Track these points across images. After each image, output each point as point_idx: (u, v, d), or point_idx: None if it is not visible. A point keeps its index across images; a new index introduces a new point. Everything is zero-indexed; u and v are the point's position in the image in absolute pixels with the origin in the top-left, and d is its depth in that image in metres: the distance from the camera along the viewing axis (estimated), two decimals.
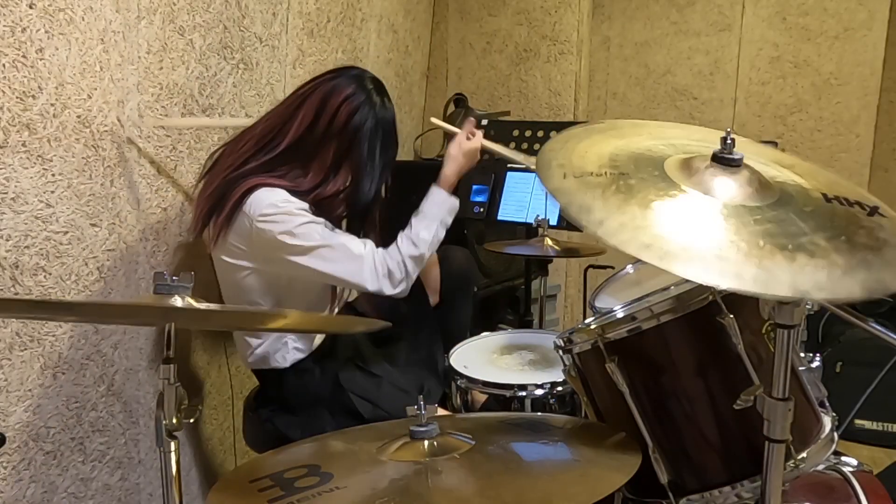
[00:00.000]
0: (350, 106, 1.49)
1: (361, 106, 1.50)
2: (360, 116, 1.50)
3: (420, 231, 1.54)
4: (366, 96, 1.51)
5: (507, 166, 2.31)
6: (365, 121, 1.50)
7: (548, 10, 3.20)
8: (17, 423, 1.31)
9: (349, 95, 1.50)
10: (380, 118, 1.52)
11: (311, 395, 1.59)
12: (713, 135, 0.96)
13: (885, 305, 3.02)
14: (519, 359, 1.66)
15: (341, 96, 1.50)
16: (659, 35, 3.43)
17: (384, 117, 1.54)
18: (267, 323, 1.43)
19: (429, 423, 1.00)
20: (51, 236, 1.34)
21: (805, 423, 1.10)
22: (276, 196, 1.44)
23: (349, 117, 1.49)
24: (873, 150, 3.18)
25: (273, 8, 2.01)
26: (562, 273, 3.36)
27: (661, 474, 1.08)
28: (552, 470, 0.99)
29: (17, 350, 1.30)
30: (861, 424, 2.64)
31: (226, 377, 2.00)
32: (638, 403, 1.09)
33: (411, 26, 3.01)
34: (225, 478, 1.01)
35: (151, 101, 1.59)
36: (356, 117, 1.49)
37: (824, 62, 3.17)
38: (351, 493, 0.91)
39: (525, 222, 2.17)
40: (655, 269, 0.75)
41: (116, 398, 1.54)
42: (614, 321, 1.12)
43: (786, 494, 1.06)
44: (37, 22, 1.27)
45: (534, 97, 3.28)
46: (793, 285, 0.74)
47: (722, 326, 1.03)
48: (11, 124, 1.24)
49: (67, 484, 1.43)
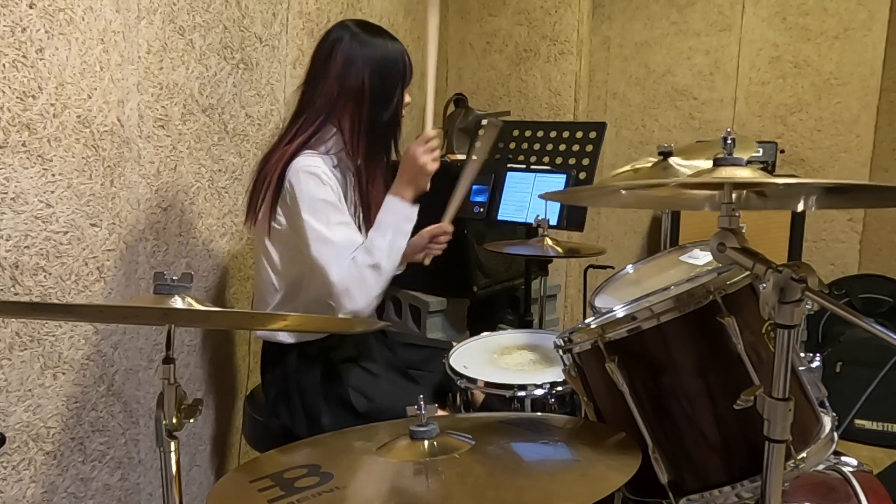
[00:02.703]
0: (337, 46, 1.54)
1: (342, 43, 1.54)
2: (348, 54, 1.53)
3: (374, 238, 1.51)
4: (349, 34, 1.55)
5: (508, 166, 2.31)
6: (355, 55, 1.53)
7: (548, 10, 3.20)
8: (17, 423, 1.32)
9: (335, 39, 1.56)
10: (368, 51, 1.54)
11: (309, 376, 1.60)
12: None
13: (885, 305, 3.03)
14: (519, 359, 1.66)
15: (327, 41, 1.56)
16: (659, 35, 3.43)
17: (373, 50, 1.54)
18: (267, 324, 1.44)
19: (429, 423, 1.00)
20: (51, 236, 1.34)
21: (805, 423, 1.10)
22: (309, 161, 1.49)
23: (341, 58, 1.53)
24: (873, 150, 3.18)
25: (273, 8, 2.02)
26: (562, 273, 3.36)
27: (661, 474, 1.08)
28: (552, 470, 0.99)
29: (17, 350, 1.30)
30: (861, 424, 2.64)
31: (227, 377, 2.00)
32: (638, 403, 1.09)
33: (411, 26, 3.01)
34: (225, 478, 1.01)
35: (151, 101, 1.59)
36: (346, 56, 1.53)
37: (824, 62, 3.18)
38: (351, 493, 0.91)
39: (525, 222, 2.17)
40: (655, 269, 0.75)
41: (116, 398, 1.54)
42: (614, 321, 1.11)
43: (786, 494, 1.06)
44: (37, 22, 1.27)
45: (534, 97, 3.28)
46: None
47: (722, 326, 1.03)
48: (11, 124, 1.24)
49: (67, 484, 1.43)
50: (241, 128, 1.92)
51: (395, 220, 1.54)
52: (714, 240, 1.01)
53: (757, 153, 2.84)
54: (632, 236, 3.63)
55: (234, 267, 1.97)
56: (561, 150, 2.27)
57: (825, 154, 3.23)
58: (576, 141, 2.26)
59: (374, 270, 1.48)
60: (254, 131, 1.98)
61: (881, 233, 3.21)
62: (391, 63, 1.56)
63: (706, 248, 1.20)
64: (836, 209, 3.26)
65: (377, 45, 1.55)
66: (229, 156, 1.89)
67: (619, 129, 3.56)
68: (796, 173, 3.24)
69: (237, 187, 1.91)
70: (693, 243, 1.52)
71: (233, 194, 1.90)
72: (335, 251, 1.47)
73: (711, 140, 1.76)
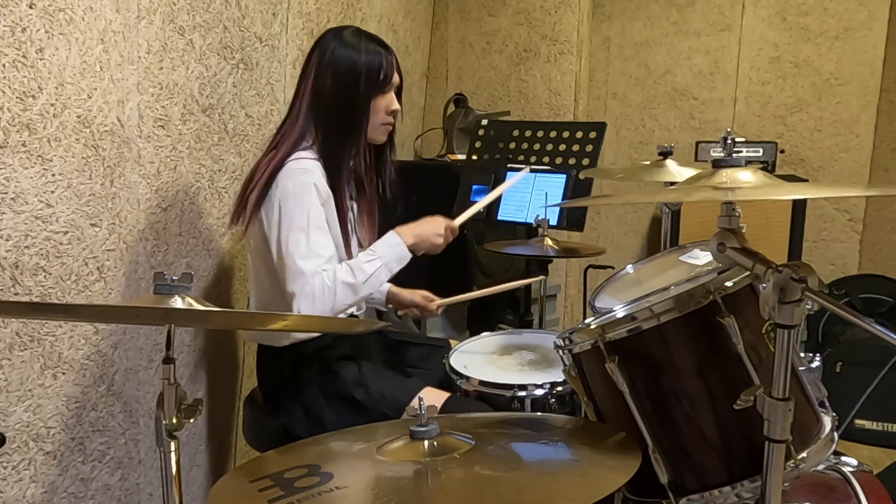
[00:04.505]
0: (316, 51, 1.58)
1: (322, 47, 1.57)
2: (321, 58, 1.56)
3: (363, 261, 1.51)
4: (333, 40, 1.57)
5: (507, 166, 2.31)
6: (326, 60, 1.55)
7: (548, 10, 3.20)
8: (17, 423, 1.31)
9: (319, 44, 1.59)
10: (339, 56, 1.55)
11: (306, 376, 1.60)
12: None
13: (885, 305, 3.03)
14: (519, 359, 1.66)
15: (314, 46, 1.60)
16: (659, 35, 3.43)
17: (345, 56, 1.55)
18: (267, 324, 1.44)
19: (429, 423, 1.00)
20: (51, 236, 1.34)
21: (805, 423, 1.10)
22: (301, 165, 1.50)
23: (315, 62, 1.57)
24: (873, 150, 3.18)
25: (273, 8, 2.02)
26: (562, 273, 3.36)
27: (661, 474, 1.08)
28: (552, 470, 0.99)
29: (17, 350, 1.30)
30: (861, 424, 2.64)
31: (227, 377, 2.00)
32: (638, 403, 1.09)
33: (411, 26, 3.01)
34: (225, 478, 1.02)
35: (151, 101, 1.59)
36: (319, 60, 1.56)
37: (824, 62, 3.18)
38: (351, 493, 0.91)
39: (525, 222, 2.17)
40: (655, 269, 0.75)
41: (116, 398, 1.54)
42: (614, 321, 1.11)
43: (786, 494, 1.06)
44: (37, 22, 1.27)
45: (534, 97, 3.28)
46: None
47: (722, 326, 1.03)
48: (11, 124, 1.24)
49: (67, 484, 1.43)
50: (241, 128, 1.92)
51: (390, 256, 1.53)
52: (714, 240, 1.01)
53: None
54: (632, 236, 3.63)
55: (234, 267, 1.97)
56: (561, 150, 2.27)
57: (825, 154, 3.23)
58: (576, 141, 2.26)
59: (348, 289, 1.47)
60: (254, 131, 1.98)
61: (881, 233, 3.21)
62: (360, 70, 1.55)
63: (706, 248, 1.19)
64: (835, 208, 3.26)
65: (351, 51, 1.56)
66: (229, 156, 1.89)
67: (619, 129, 3.56)
68: (796, 173, 3.24)
69: (237, 187, 1.91)
70: (693, 243, 1.52)
71: (233, 194, 1.90)
72: (308, 250, 1.47)
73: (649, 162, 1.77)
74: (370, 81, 1.56)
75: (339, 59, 1.55)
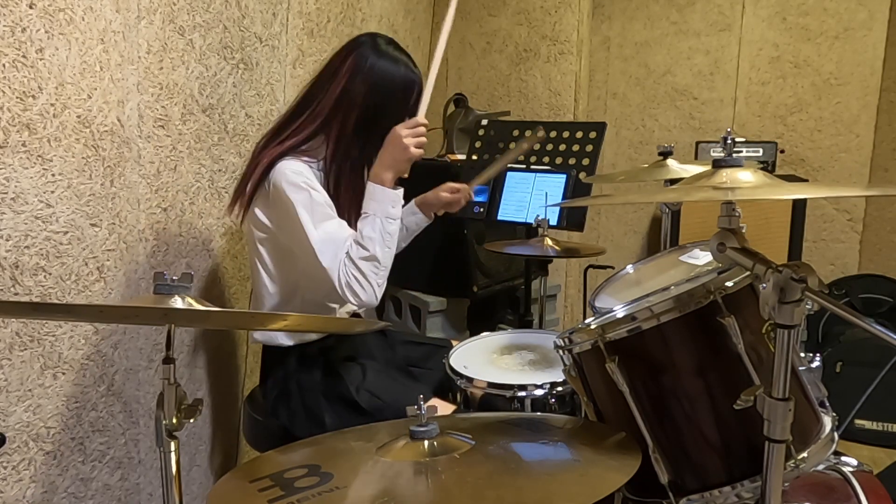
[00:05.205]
0: (354, 52, 1.54)
1: (360, 50, 1.53)
2: (359, 63, 1.52)
3: (363, 230, 1.48)
4: (370, 45, 1.54)
5: (507, 166, 2.31)
6: (364, 66, 1.52)
7: (548, 10, 3.20)
8: (17, 423, 1.31)
9: (356, 45, 1.55)
10: (379, 66, 1.52)
11: (309, 376, 1.60)
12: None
13: (885, 305, 3.03)
14: (519, 359, 1.66)
15: (348, 45, 1.56)
16: (659, 35, 3.43)
17: (384, 68, 1.52)
18: (267, 324, 1.44)
19: (429, 423, 1.00)
20: (51, 236, 1.34)
21: (805, 423, 1.10)
22: (294, 166, 1.49)
23: (353, 65, 1.53)
24: (873, 150, 3.18)
25: (273, 8, 2.02)
26: (562, 273, 3.36)
27: (661, 474, 1.08)
28: (552, 470, 0.99)
29: (17, 350, 1.30)
30: (861, 424, 2.64)
31: (227, 377, 2.00)
32: (638, 403, 1.09)
33: (411, 26, 3.01)
34: (225, 478, 1.01)
35: (151, 101, 1.59)
36: (357, 64, 1.52)
37: (824, 62, 3.18)
38: (351, 493, 0.91)
39: (525, 222, 2.17)
40: (655, 269, 0.75)
41: (116, 398, 1.54)
42: (614, 321, 1.11)
43: (786, 494, 1.06)
44: (37, 22, 1.27)
45: (534, 97, 3.28)
46: None
47: (722, 326, 1.03)
48: (11, 124, 1.24)
49: (67, 484, 1.43)
50: (241, 128, 1.92)
51: (381, 206, 1.50)
52: (714, 240, 1.01)
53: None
54: (632, 236, 3.63)
55: (235, 267, 1.97)
56: (561, 150, 2.27)
57: (825, 154, 3.24)
58: (576, 141, 2.26)
59: (370, 262, 1.46)
60: (254, 131, 1.97)
61: (881, 233, 3.21)
62: (395, 87, 1.53)
63: (706, 248, 1.20)
64: (835, 208, 3.26)
65: (391, 64, 1.53)
66: (229, 156, 1.89)
67: (619, 129, 3.56)
68: (796, 173, 3.24)
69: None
70: (693, 243, 1.52)
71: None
72: (330, 251, 1.46)
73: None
74: (404, 102, 1.55)
75: (383, 69, 1.52)
